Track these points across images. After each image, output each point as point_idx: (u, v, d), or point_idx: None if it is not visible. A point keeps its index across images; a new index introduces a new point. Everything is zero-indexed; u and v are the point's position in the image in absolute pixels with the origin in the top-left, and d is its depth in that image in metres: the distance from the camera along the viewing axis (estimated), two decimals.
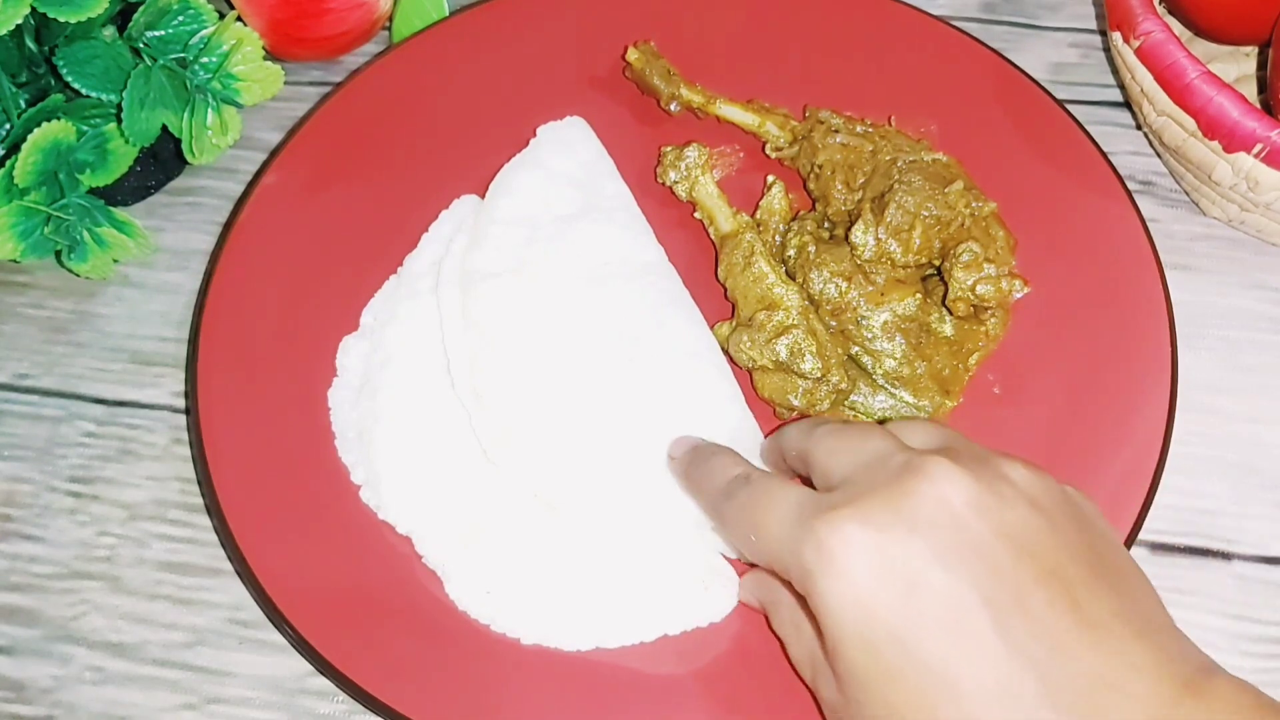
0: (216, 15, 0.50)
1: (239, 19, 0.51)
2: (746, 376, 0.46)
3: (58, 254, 0.49)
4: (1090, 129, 0.50)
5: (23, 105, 0.48)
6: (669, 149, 0.50)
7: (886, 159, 0.48)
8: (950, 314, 0.46)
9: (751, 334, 0.44)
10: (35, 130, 0.45)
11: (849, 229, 0.46)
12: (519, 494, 0.42)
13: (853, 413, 0.45)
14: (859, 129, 0.50)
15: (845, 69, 0.53)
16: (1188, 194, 0.52)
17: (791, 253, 0.48)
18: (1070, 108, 0.51)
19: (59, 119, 0.46)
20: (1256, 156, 0.44)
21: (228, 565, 0.44)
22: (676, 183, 0.50)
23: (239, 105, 0.51)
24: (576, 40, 0.54)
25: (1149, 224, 0.48)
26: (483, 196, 0.49)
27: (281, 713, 0.41)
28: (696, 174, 0.49)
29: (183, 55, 0.49)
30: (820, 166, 0.49)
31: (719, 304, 0.47)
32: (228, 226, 0.48)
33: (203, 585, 0.44)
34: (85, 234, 0.49)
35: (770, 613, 0.39)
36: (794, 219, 0.49)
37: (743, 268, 0.46)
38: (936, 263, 0.46)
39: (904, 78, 0.53)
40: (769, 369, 0.44)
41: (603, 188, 0.50)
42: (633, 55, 0.52)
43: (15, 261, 0.48)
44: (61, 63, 0.47)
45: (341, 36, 0.55)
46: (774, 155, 0.52)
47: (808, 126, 0.51)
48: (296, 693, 0.42)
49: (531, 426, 0.43)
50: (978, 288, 0.44)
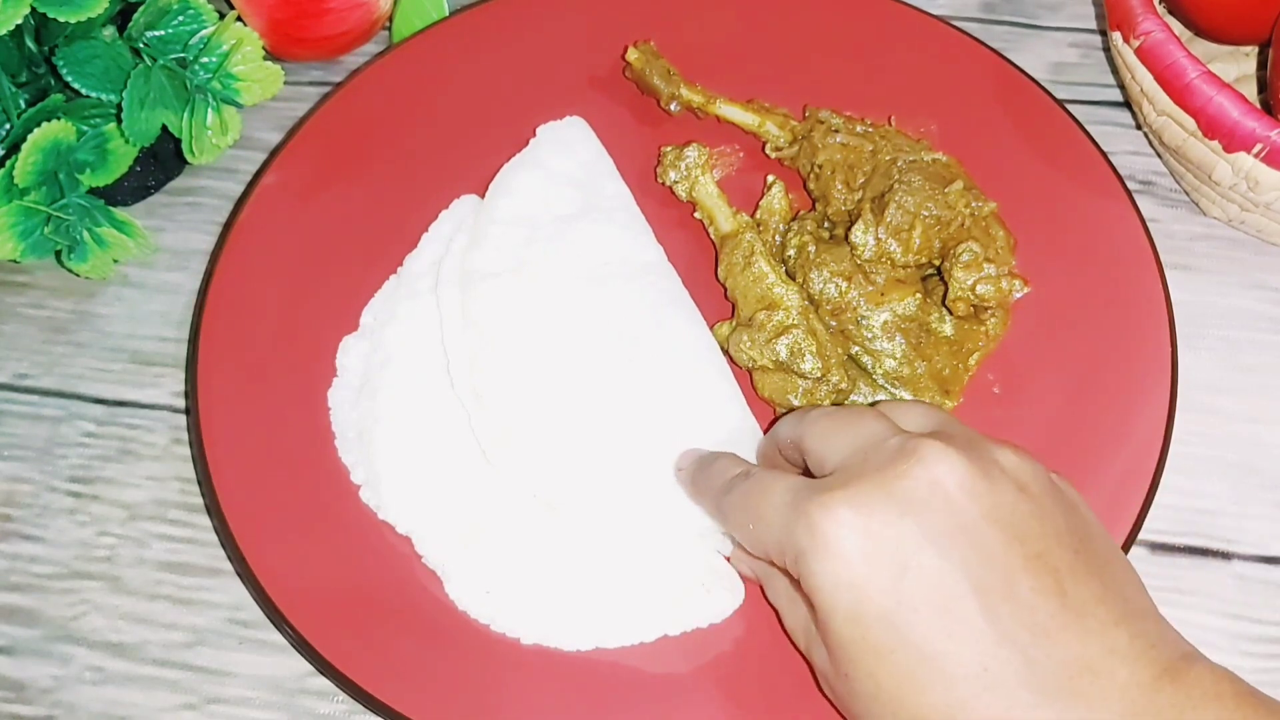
0: (216, 15, 0.50)
1: (239, 19, 0.51)
2: (746, 376, 0.46)
3: (58, 254, 0.49)
4: (1090, 129, 0.50)
5: (23, 105, 0.48)
6: (669, 149, 0.50)
7: (886, 159, 0.48)
8: (950, 314, 0.46)
9: (751, 334, 0.44)
10: (35, 130, 0.45)
11: (849, 229, 0.46)
12: (519, 494, 0.42)
13: None
14: (859, 129, 0.50)
15: (845, 69, 0.53)
16: (1188, 194, 0.52)
17: (791, 252, 0.48)
18: (1070, 108, 0.51)
19: (59, 119, 0.46)
20: (1256, 156, 0.44)
21: (228, 565, 0.44)
22: (676, 183, 0.50)
23: (239, 105, 0.51)
24: (576, 40, 0.54)
25: (1149, 224, 0.48)
26: (482, 196, 0.49)
27: (281, 713, 0.41)
28: (696, 174, 0.49)
29: (183, 55, 0.49)
30: (820, 166, 0.49)
31: (719, 304, 0.47)
32: (228, 226, 0.48)
33: (203, 585, 0.44)
34: (85, 234, 0.49)
35: (765, 584, 0.40)
36: (794, 219, 0.49)
37: (743, 267, 0.46)
38: (936, 263, 0.46)
39: (904, 78, 0.53)
40: (769, 369, 0.44)
41: (602, 188, 0.50)
42: (633, 55, 0.52)
43: (15, 261, 0.48)
44: (61, 63, 0.47)
45: (341, 36, 0.55)
46: (774, 155, 0.52)
47: (808, 126, 0.51)
48: (296, 693, 0.42)
49: (531, 426, 0.43)
50: (978, 288, 0.44)
